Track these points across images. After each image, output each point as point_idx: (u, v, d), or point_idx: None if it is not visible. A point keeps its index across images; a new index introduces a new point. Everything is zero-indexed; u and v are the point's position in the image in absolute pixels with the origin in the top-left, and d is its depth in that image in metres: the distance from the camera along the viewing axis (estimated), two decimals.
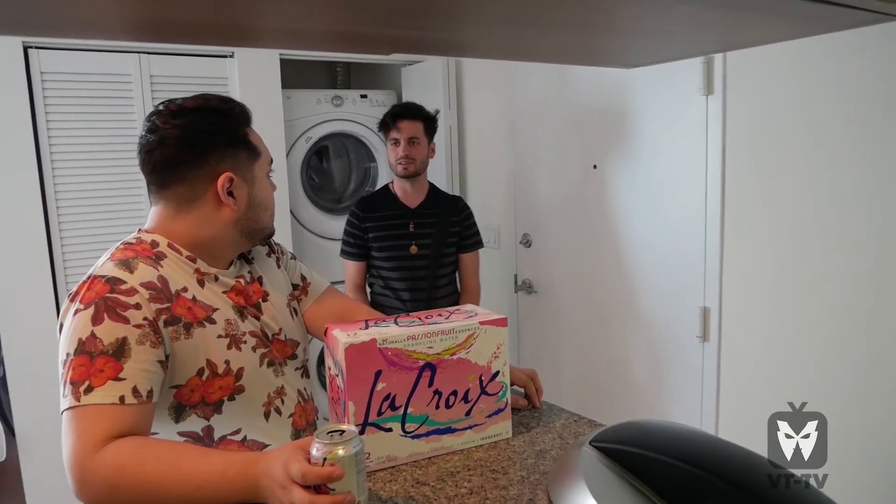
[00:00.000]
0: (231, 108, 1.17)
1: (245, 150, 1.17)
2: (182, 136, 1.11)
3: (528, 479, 1.00)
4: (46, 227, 2.48)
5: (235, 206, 1.16)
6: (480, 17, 0.68)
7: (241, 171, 1.16)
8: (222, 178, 1.13)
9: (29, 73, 2.39)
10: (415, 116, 2.39)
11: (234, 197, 1.15)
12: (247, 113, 1.20)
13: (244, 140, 1.17)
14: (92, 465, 0.93)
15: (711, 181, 2.07)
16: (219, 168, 1.13)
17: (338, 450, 0.84)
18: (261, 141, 1.22)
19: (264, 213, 1.22)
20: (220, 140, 1.13)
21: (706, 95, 2.06)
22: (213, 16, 0.61)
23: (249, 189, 1.18)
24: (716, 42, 0.87)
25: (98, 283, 1.03)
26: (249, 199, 1.18)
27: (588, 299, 2.63)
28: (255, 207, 1.19)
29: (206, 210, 1.15)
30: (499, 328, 1.12)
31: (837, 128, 1.74)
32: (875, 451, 1.73)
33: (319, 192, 3.56)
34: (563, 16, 0.69)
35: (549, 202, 2.75)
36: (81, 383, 0.97)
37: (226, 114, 1.15)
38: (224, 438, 1.14)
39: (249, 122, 1.21)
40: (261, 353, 1.18)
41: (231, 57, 2.82)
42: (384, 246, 2.43)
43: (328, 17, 0.63)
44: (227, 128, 1.15)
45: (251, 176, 1.18)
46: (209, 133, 1.12)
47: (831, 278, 1.79)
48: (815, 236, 1.82)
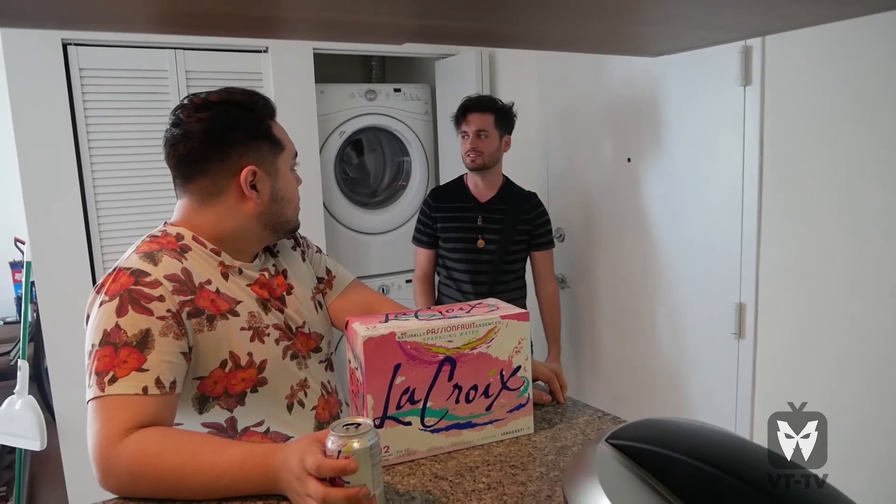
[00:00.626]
0: (254, 101, 1.17)
1: (268, 143, 1.17)
2: (206, 129, 1.12)
3: (547, 475, 0.99)
4: (86, 221, 2.54)
5: (259, 200, 1.16)
6: (493, 5, 0.66)
7: (264, 165, 1.16)
8: (245, 171, 1.13)
9: (68, 70, 2.45)
10: (484, 109, 2.36)
11: (257, 190, 1.16)
12: (270, 106, 1.20)
13: (268, 133, 1.17)
14: (115, 455, 0.94)
15: (748, 174, 2.02)
16: (242, 161, 1.14)
17: (353, 443, 0.84)
18: (285, 134, 1.22)
19: (288, 207, 1.23)
20: (243, 133, 1.14)
21: (744, 86, 2.00)
22: (246, 7, 0.60)
23: (273, 182, 1.18)
24: (744, 27, 0.84)
25: (123, 276, 1.05)
26: (273, 193, 1.18)
27: (621, 294, 2.59)
28: (278, 201, 1.20)
29: (229, 203, 1.15)
30: (520, 322, 1.10)
31: (881, 120, 1.67)
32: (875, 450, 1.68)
33: (354, 186, 3.57)
34: (582, 2, 0.67)
35: (583, 196, 2.71)
36: (106, 374, 0.98)
37: (249, 107, 1.16)
38: (247, 430, 1.15)
39: (273, 115, 1.21)
40: (284, 346, 1.18)
41: (265, 52, 2.85)
42: (451, 237, 2.42)
43: (353, 6, 0.62)
44: (250, 121, 1.15)
45: (274, 169, 1.18)
46: (232, 127, 1.13)
47: (871, 276, 1.73)
48: (854, 232, 1.76)
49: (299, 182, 1.28)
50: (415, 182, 3.52)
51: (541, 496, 0.92)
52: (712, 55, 2.08)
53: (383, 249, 3.46)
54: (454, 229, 2.41)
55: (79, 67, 2.46)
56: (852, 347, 1.79)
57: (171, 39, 2.61)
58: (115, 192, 2.57)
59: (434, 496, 0.95)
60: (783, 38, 1.88)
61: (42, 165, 2.42)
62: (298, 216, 1.28)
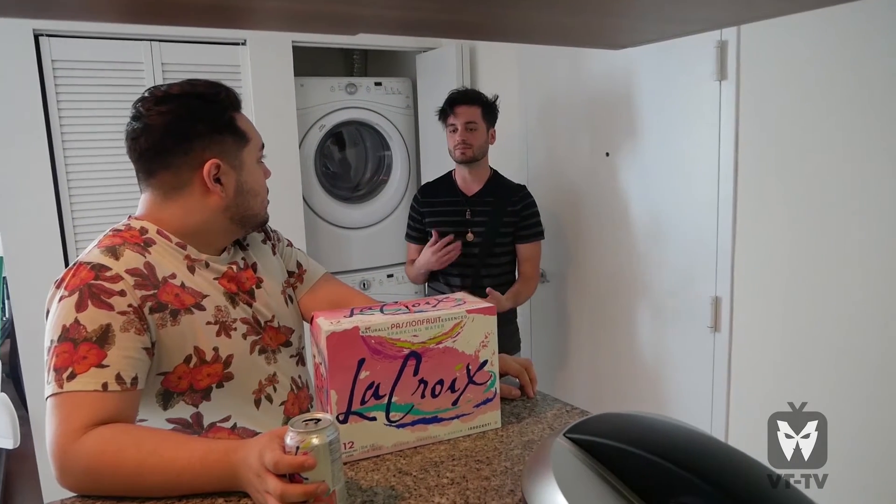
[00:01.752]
0: (217, 92, 1.15)
1: (232, 135, 1.15)
2: (166, 123, 1.09)
3: (511, 469, 0.98)
4: (59, 216, 2.51)
5: (223, 193, 1.14)
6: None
7: (228, 158, 1.14)
8: (208, 164, 1.11)
9: (40, 62, 2.41)
10: (472, 102, 2.35)
11: (221, 184, 1.14)
12: (234, 97, 1.18)
13: (231, 125, 1.15)
14: (73, 452, 0.93)
15: (724, 168, 2.02)
16: (205, 154, 1.12)
17: (311, 438, 0.83)
18: (251, 126, 1.21)
19: (255, 200, 1.20)
20: (204, 126, 1.12)
21: (719, 81, 2.01)
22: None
23: (238, 175, 1.16)
24: (707, 19, 0.83)
25: (83, 270, 1.03)
26: (238, 186, 1.16)
27: (599, 288, 2.59)
28: (244, 194, 1.18)
29: (193, 197, 1.14)
30: (487, 317, 1.10)
31: (854, 114, 1.68)
32: (875, 451, 1.69)
33: (335, 180, 3.55)
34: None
35: (562, 190, 2.71)
36: (65, 370, 0.97)
37: (211, 99, 1.13)
38: (213, 426, 1.14)
39: (238, 106, 1.19)
40: (252, 341, 1.17)
41: (243, 44, 2.82)
42: (439, 231, 2.41)
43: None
44: (212, 114, 1.13)
45: (239, 162, 1.16)
46: (193, 119, 1.11)
47: (845, 270, 1.74)
48: (829, 226, 1.77)
49: (267, 174, 1.26)
50: (396, 176, 3.51)
51: (503, 491, 0.92)
52: (688, 50, 2.08)
53: (364, 244, 3.44)
54: (442, 223, 2.40)
55: (51, 59, 2.43)
56: (826, 340, 1.80)
57: (146, 31, 2.57)
58: (90, 186, 2.54)
59: (397, 492, 0.94)
60: (758, 33, 1.89)
61: (14, 159, 2.38)
62: (266, 209, 1.26)
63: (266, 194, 1.25)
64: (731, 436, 2.10)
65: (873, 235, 1.67)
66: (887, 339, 1.67)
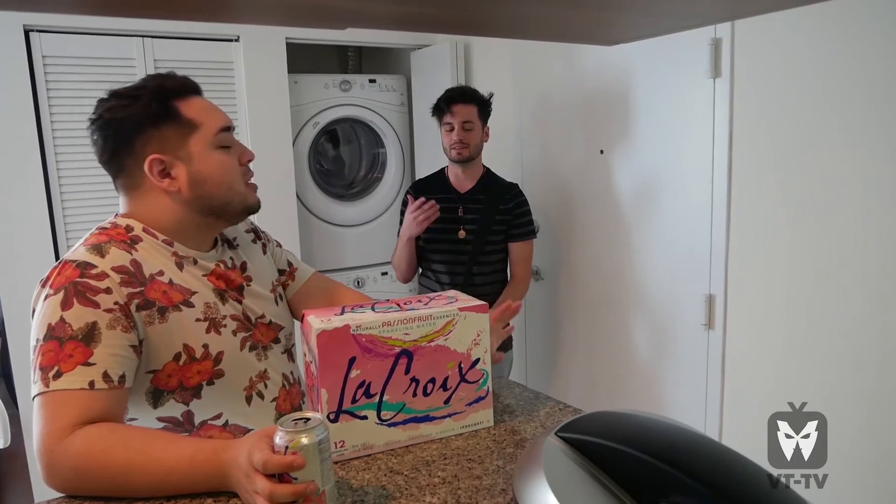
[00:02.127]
0: (138, 86, 1.10)
1: (174, 125, 1.09)
2: (101, 127, 1.09)
3: (503, 468, 0.98)
4: (50, 215, 2.50)
5: (177, 187, 1.11)
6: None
7: (171, 150, 1.10)
8: (147, 161, 1.08)
9: (31, 58, 2.39)
10: (469, 100, 2.33)
11: (172, 177, 1.10)
12: (171, 86, 1.11)
13: (170, 115, 1.09)
14: (60, 451, 0.92)
15: (718, 166, 2.02)
16: (146, 151, 1.08)
17: (301, 438, 0.82)
18: (206, 111, 1.13)
19: (218, 188, 1.13)
20: (136, 123, 1.08)
21: (713, 78, 2.00)
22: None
23: (188, 166, 1.10)
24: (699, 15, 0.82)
25: (68, 268, 1.02)
26: (191, 177, 1.11)
27: (594, 286, 2.59)
28: (201, 184, 1.12)
29: (153, 196, 1.12)
30: (479, 314, 1.09)
31: (849, 111, 1.68)
32: (875, 450, 1.68)
33: (329, 178, 3.54)
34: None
35: (557, 188, 2.70)
36: (51, 369, 0.96)
37: (134, 96, 1.09)
38: (205, 423, 1.13)
39: (180, 94, 1.12)
40: (242, 337, 1.16)
41: (236, 41, 2.81)
42: (431, 228, 2.38)
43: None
44: (139, 110, 1.08)
45: (187, 152, 1.10)
46: (122, 119, 1.08)
47: (840, 267, 1.74)
48: (823, 223, 1.76)
49: (245, 158, 1.18)
50: (390, 174, 3.50)
51: (495, 490, 0.91)
52: (683, 47, 2.08)
53: (358, 242, 3.43)
54: (434, 221, 2.39)
55: (42, 55, 2.41)
56: (821, 338, 1.80)
57: (138, 27, 2.56)
58: (81, 183, 2.52)
59: (388, 491, 0.93)
60: (752, 30, 1.88)
61: (4, 157, 2.37)
62: (246, 195, 1.18)
63: (235, 179, 1.16)
64: (725, 434, 2.10)
65: (869, 233, 1.67)
66: (882, 337, 1.66)
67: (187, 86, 1.14)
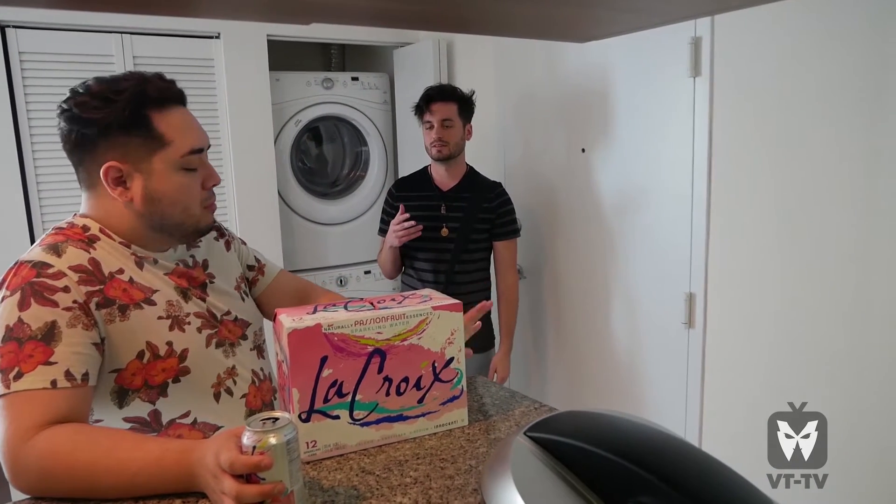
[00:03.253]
0: (123, 89, 1.04)
1: (143, 138, 1.05)
2: (70, 119, 1.05)
3: (476, 468, 0.97)
4: (27, 213, 2.46)
5: (130, 197, 1.08)
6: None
7: (133, 161, 1.06)
8: (104, 167, 1.05)
9: (7, 54, 2.36)
10: (448, 98, 2.32)
11: (126, 187, 1.08)
12: (152, 93, 1.06)
13: (141, 126, 1.05)
14: (24, 453, 0.90)
15: (698, 165, 2.02)
16: (107, 155, 1.05)
17: (269, 438, 0.81)
18: (183, 129, 1.09)
19: (172, 209, 1.10)
20: (102, 126, 1.04)
21: (693, 77, 2.00)
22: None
23: (146, 181, 1.07)
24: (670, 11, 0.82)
25: (24, 269, 1.00)
26: (146, 193, 1.08)
27: (575, 285, 2.59)
28: (155, 202, 1.08)
29: (106, 198, 1.09)
30: (453, 313, 1.08)
31: (829, 110, 1.68)
32: (874, 450, 1.69)
33: (312, 176, 3.52)
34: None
35: (539, 187, 2.70)
36: (11, 370, 0.94)
37: (110, 99, 1.04)
38: (173, 422, 1.11)
39: (159, 104, 1.07)
40: (207, 334, 1.15)
41: (217, 38, 2.79)
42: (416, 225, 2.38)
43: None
44: (111, 113, 1.04)
45: (148, 167, 1.07)
46: (91, 119, 1.04)
47: (820, 266, 1.74)
48: (803, 222, 1.77)
49: (209, 182, 1.15)
50: (373, 172, 3.48)
51: (466, 490, 0.90)
52: (663, 47, 2.08)
53: (341, 240, 3.42)
54: (417, 218, 2.38)
55: (18, 51, 2.38)
56: (801, 336, 1.81)
57: (116, 23, 2.53)
58: (58, 182, 2.49)
59: (359, 491, 0.92)
60: (732, 29, 1.89)
61: None
62: (200, 219, 1.15)
63: (193, 203, 1.12)
64: (705, 432, 2.10)
65: (848, 231, 1.67)
66: (863, 335, 1.67)
67: (170, 94, 1.09)
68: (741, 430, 1.92)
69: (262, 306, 1.36)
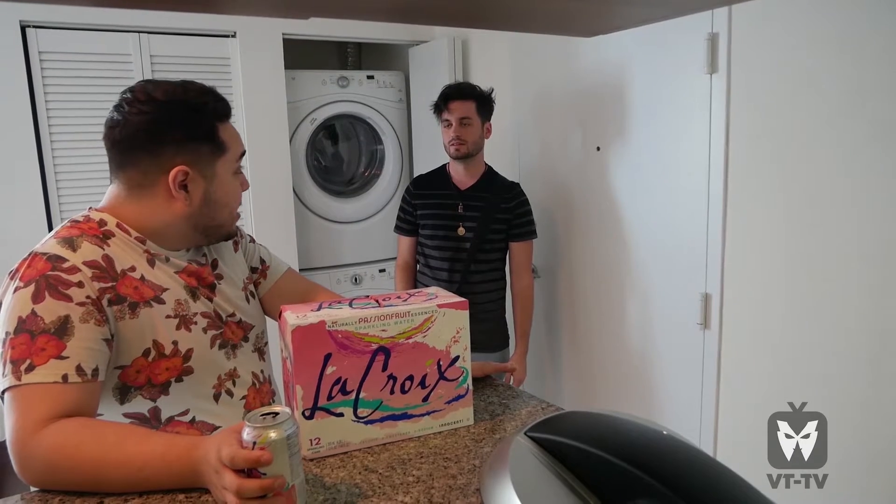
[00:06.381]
0: (204, 102, 1.11)
1: (210, 145, 1.12)
2: (143, 122, 1.07)
3: (479, 468, 0.96)
4: (47, 210, 2.50)
5: (188, 201, 1.12)
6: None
7: (199, 166, 1.11)
8: (175, 171, 1.08)
9: (27, 54, 2.39)
10: (466, 96, 2.32)
11: (187, 191, 1.11)
12: (223, 108, 1.14)
13: (211, 135, 1.12)
14: (32, 445, 0.91)
15: (714, 163, 1.99)
16: (175, 160, 1.09)
17: (269, 433, 0.81)
18: (234, 136, 1.17)
19: (222, 211, 1.17)
20: (180, 133, 1.09)
21: (710, 74, 1.98)
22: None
23: (207, 185, 1.13)
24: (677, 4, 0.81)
25: (39, 261, 1.01)
26: (205, 196, 1.13)
27: (590, 285, 2.57)
28: (211, 204, 1.14)
29: (157, 200, 1.11)
30: (459, 311, 1.07)
31: (846, 107, 1.65)
32: (874, 450, 1.66)
33: (327, 174, 3.53)
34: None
35: (554, 186, 2.69)
36: (22, 362, 0.95)
37: (196, 108, 1.10)
38: (172, 419, 1.12)
39: (225, 117, 1.15)
40: (212, 335, 1.15)
41: (233, 36, 2.80)
42: (430, 224, 2.39)
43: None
44: (192, 123, 1.10)
45: (211, 172, 1.13)
46: (172, 125, 1.08)
47: (837, 267, 1.71)
48: (820, 221, 1.74)
49: (244, 187, 1.22)
50: (388, 170, 3.49)
51: (468, 490, 0.89)
52: (679, 43, 2.06)
53: (356, 238, 3.42)
54: (434, 216, 2.39)
55: (38, 51, 2.41)
56: (818, 338, 1.78)
57: (134, 23, 2.55)
58: (78, 179, 2.52)
59: (361, 489, 0.92)
60: (749, 25, 1.86)
61: (1, 152, 2.37)
62: (235, 223, 1.23)
63: (237, 207, 1.21)
64: (720, 434, 2.08)
65: (866, 231, 1.64)
66: (880, 336, 1.64)
67: (229, 109, 1.17)
68: (756, 431, 1.89)
69: (266, 307, 1.37)
